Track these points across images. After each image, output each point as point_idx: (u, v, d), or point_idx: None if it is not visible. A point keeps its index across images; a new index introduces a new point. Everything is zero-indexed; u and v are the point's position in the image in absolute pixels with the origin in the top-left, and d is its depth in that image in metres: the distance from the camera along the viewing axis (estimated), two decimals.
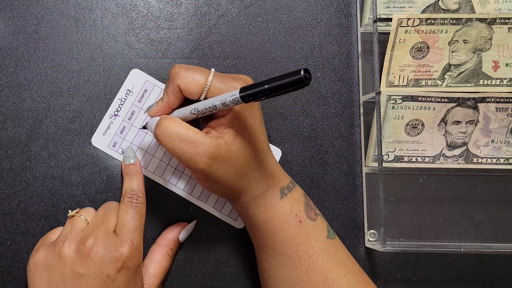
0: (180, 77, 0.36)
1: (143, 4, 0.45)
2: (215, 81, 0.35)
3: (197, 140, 0.35)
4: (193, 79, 0.35)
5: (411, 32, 0.42)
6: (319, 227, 0.38)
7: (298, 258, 0.37)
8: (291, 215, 0.37)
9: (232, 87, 0.35)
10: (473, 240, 0.44)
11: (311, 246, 0.37)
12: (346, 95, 0.46)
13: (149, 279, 0.40)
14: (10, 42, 0.44)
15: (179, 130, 0.35)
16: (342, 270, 0.37)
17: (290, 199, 0.38)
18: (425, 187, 0.45)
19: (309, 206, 0.39)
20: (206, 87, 0.35)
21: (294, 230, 0.37)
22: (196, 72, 0.36)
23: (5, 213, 0.43)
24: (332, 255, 0.37)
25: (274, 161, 0.39)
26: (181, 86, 0.36)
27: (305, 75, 0.28)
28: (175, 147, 0.35)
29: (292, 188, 0.39)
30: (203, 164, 0.35)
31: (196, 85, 0.35)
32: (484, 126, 0.44)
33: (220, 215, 0.44)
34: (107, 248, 0.36)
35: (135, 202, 0.40)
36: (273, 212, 0.38)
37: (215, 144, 0.35)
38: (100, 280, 0.35)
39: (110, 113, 0.44)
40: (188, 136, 0.35)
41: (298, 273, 0.37)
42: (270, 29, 0.46)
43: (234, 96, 0.33)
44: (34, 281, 0.36)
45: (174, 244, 0.42)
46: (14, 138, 0.44)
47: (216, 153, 0.35)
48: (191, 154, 0.35)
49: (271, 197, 0.38)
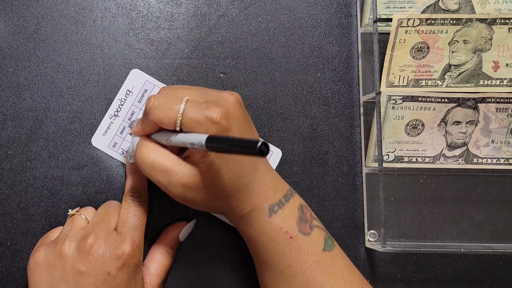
0: (152, 113, 0.35)
1: (143, 4, 0.45)
2: (188, 111, 0.34)
3: (171, 169, 0.35)
4: (165, 114, 0.35)
5: (411, 32, 0.42)
6: (314, 240, 0.37)
7: (291, 274, 0.36)
8: (280, 232, 0.37)
9: (205, 118, 0.33)
10: (473, 240, 0.44)
11: (304, 261, 0.36)
12: (346, 95, 0.46)
13: (150, 278, 0.40)
14: (10, 42, 0.44)
15: (154, 158, 0.36)
16: (339, 283, 0.36)
17: (280, 215, 0.37)
18: (425, 187, 0.45)
19: (304, 219, 0.38)
20: (178, 119, 0.34)
21: (284, 246, 0.37)
22: (168, 105, 0.35)
23: (5, 213, 0.43)
24: (328, 268, 0.37)
25: (265, 177, 0.38)
26: (154, 121, 0.36)
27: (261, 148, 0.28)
28: (151, 175, 0.36)
29: (285, 203, 0.38)
30: (177, 193, 0.36)
31: (168, 120, 0.35)
32: (484, 126, 0.44)
33: (220, 215, 0.44)
34: (108, 246, 0.36)
35: (137, 200, 0.40)
36: (261, 230, 0.37)
37: (190, 173, 0.35)
38: (100, 277, 0.35)
39: (110, 113, 0.44)
40: (162, 166, 0.35)
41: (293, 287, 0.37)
42: (270, 29, 0.46)
43: (200, 143, 0.32)
44: (35, 280, 0.36)
45: (174, 243, 0.42)
46: (14, 138, 0.44)
47: (189, 182, 0.35)
48: (165, 183, 0.36)
49: (259, 215, 0.37)
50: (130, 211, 0.39)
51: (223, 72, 0.45)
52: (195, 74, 0.45)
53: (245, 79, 0.45)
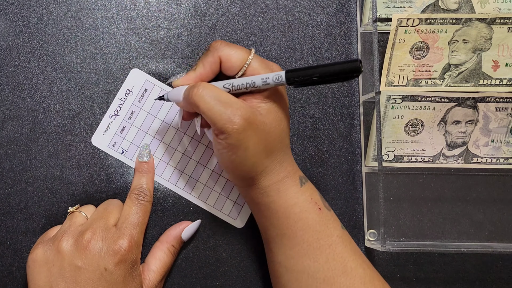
0: (222, 49, 0.36)
1: (143, 4, 0.45)
2: (256, 59, 0.36)
3: (236, 102, 0.35)
4: (236, 53, 0.36)
5: (411, 32, 0.42)
6: (335, 217, 0.38)
7: (319, 247, 0.37)
8: (311, 202, 0.37)
9: (270, 69, 0.36)
10: (473, 239, 0.44)
11: (330, 235, 0.37)
12: (346, 95, 0.46)
13: (149, 275, 0.40)
14: (10, 41, 0.45)
15: (217, 92, 0.35)
16: (358, 260, 0.37)
17: (308, 187, 0.38)
18: (425, 186, 0.45)
19: (322, 197, 0.39)
20: (247, 62, 0.36)
21: (315, 218, 0.37)
22: (238, 48, 0.36)
23: (5, 213, 0.43)
24: (348, 245, 0.37)
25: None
26: (222, 58, 0.36)
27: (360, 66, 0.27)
28: (213, 107, 0.35)
29: (307, 179, 0.39)
30: (239, 126, 0.34)
31: (237, 59, 0.36)
32: (483, 126, 0.44)
33: (220, 214, 0.44)
34: (105, 241, 0.36)
35: (141, 199, 0.40)
36: (294, 198, 0.37)
37: (252, 111, 0.35)
38: (97, 273, 0.35)
39: (110, 112, 0.44)
40: (227, 98, 0.35)
41: (319, 262, 0.36)
42: (270, 29, 0.46)
43: (278, 76, 0.33)
44: (34, 277, 0.37)
45: (176, 241, 0.42)
46: (14, 137, 0.44)
47: (253, 118, 0.35)
48: (229, 114, 0.34)
49: (292, 183, 0.37)
50: (132, 208, 0.39)
51: None
52: None
53: None
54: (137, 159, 0.43)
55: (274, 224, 0.38)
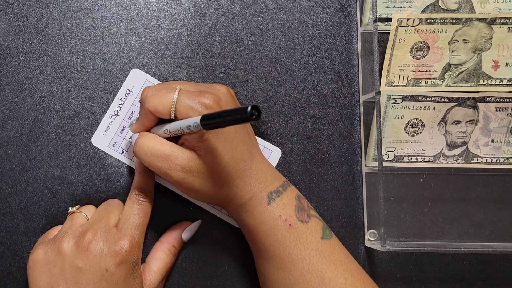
0: (148, 101, 0.37)
1: (143, 4, 0.45)
2: (182, 98, 0.36)
3: (170, 154, 0.36)
4: (160, 101, 0.36)
5: (411, 31, 0.42)
6: (312, 229, 0.38)
7: (291, 261, 0.37)
8: (280, 219, 0.37)
9: (198, 104, 0.35)
10: (473, 239, 0.44)
11: (303, 249, 0.37)
12: (346, 95, 0.46)
13: (150, 275, 0.40)
14: (11, 41, 0.45)
15: (153, 146, 0.37)
16: (338, 270, 0.37)
17: (279, 203, 0.38)
18: (425, 186, 0.45)
19: (302, 208, 0.38)
20: (172, 106, 0.36)
21: (284, 234, 0.37)
22: (163, 93, 0.36)
23: (6, 213, 0.43)
24: (327, 256, 0.37)
25: (261, 167, 0.39)
26: (150, 109, 0.37)
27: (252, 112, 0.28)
28: (151, 162, 0.37)
29: (282, 192, 0.38)
30: (177, 178, 0.36)
31: (163, 106, 0.36)
32: (484, 126, 0.44)
33: (220, 214, 0.44)
34: (106, 242, 0.36)
35: (142, 199, 0.40)
36: (261, 218, 0.37)
37: (188, 157, 0.36)
38: (98, 274, 0.36)
39: (110, 112, 0.44)
40: (161, 151, 0.37)
41: (293, 275, 0.37)
42: (270, 29, 0.46)
43: (196, 123, 0.33)
44: (34, 278, 0.37)
45: (176, 241, 0.42)
46: (14, 137, 0.44)
47: (189, 165, 0.36)
48: (165, 169, 0.36)
49: (258, 203, 0.38)
50: (133, 209, 0.39)
51: (223, 72, 0.45)
52: (195, 74, 0.45)
53: (245, 79, 0.45)
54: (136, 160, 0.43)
55: (249, 238, 0.40)
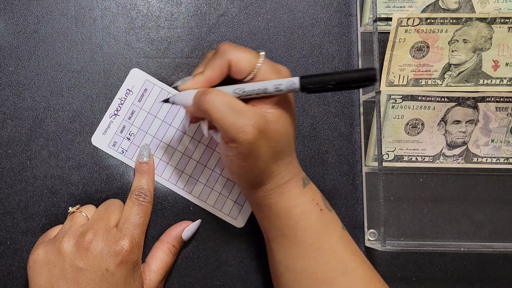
0: (231, 52, 0.35)
1: (143, 4, 0.45)
2: (265, 63, 0.35)
3: (248, 111, 0.34)
4: (245, 56, 0.35)
5: (411, 31, 0.42)
6: (336, 217, 0.38)
7: (319, 247, 0.37)
8: (313, 203, 0.37)
9: (279, 73, 0.35)
10: (473, 239, 0.44)
11: (331, 236, 0.37)
12: (346, 95, 0.46)
13: (150, 275, 0.40)
14: (10, 41, 0.45)
15: (229, 99, 0.34)
16: (358, 260, 0.37)
17: (311, 188, 0.38)
18: (425, 186, 0.45)
19: (325, 199, 0.39)
20: (257, 66, 0.35)
21: (316, 219, 0.37)
22: (248, 51, 0.35)
23: (6, 213, 0.43)
24: (348, 245, 0.37)
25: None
26: (232, 61, 0.35)
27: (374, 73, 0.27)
28: (225, 116, 0.34)
29: (310, 180, 0.39)
30: (252, 136, 0.33)
31: (247, 63, 0.34)
32: (484, 126, 0.44)
33: (220, 214, 0.44)
34: (106, 242, 0.36)
35: (142, 200, 0.40)
36: (296, 200, 0.37)
37: (264, 119, 0.34)
38: (99, 274, 0.35)
39: (110, 112, 0.44)
40: (239, 105, 0.34)
41: (319, 262, 0.36)
42: (270, 28, 0.46)
43: (292, 83, 0.32)
44: (35, 278, 0.37)
45: (176, 241, 0.42)
46: (14, 137, 0.44)
47: (265, 126, 0.34)
48: (242, 123, 0.33)
49: (295, 185, 0.37)
50: (133, 209, 0.39)
51: None
52: None
53: None
54: (137, 160, 0.43)
55: (276, 225, 0.38)
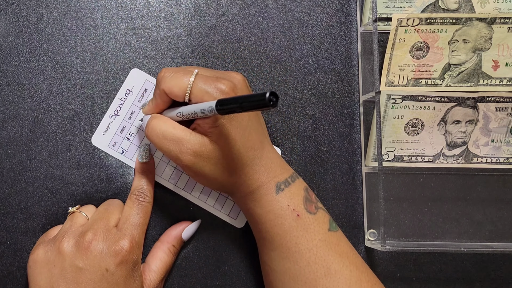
0: (164, 81, 0.37)
1: (143, 4, 0.45)
2: (198, 82, 0.36)
3: (182, 138, 0.36)
4: (176, 83, 0.36)
5: (411, 31, 0.42)
6: (320, 220, 0.38)
7: (298, 251, 0.37)
8: (288, 209, 0.37)
9: (214, 89, 0.35)
10: (473, 239, 0.44)
11: (310, 239, 0.37)
12: (346, 95, 0.46)
13: (150, 275, 0.40)
14: (10, 41, 0.45)
15: (165, 128, 0.37)
16: (344, 261, 0.37)
17: (287, 193, 0.38)
18: (425, 186, 0.45)
19: (309, 200, 0.39)
20: (188, 89, 0.36)
21: (291, 223, 0.37)
22: (180, 75, 0.36)
23: (6, 213, 0.43)
24: (333, 247, 0.37)
25: (271, 156, 0.39)
26: (165, 90, 0.37)
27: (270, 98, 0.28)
28: (162, 145, 0.37)
29: (291, 183, 0.39)
30: (187, 161, 0.36)
31: (179, 88, 0.36)
32: (484, 126, 0.44)
33: (220, 214, 0.44)
34: (106, 242, 0.36)
35: (141, 200, 0.40)
36: (268, 207, 0.38)
37: (200, 141, 0.36)
38: (99, 274, 0.36)
39: (110, 112, 0.44)
40: (173, 134, 0.36)
41: (299, 265, 0.37)
42: (270, 28, 0.46)
43: (211, 107, 0.33)
44: (34, 277, 0.37)
45: (176, 241, 0.42)
46: (14, 137, 0.44)
47: (200, 150, 0.36)
48: (176, 152, 0.36)
49: (266, 192, 0.38)
50: (133, 209, 0.39)
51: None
52: None
53: None
54: (137, 160, 0.43)
55: (255, 228, 0.40)
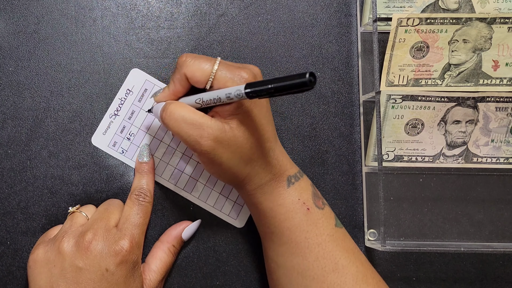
0: (186, 66, 0.36)
1: (143, 4, 0.45)
2: (221, 69, 0.35)
3: (203, 123, 0.35)
4: (199, 68, 0.36)
5: (411, 31, 0.42)
6: (327, 215, 0.38)
7: (307, 246, 0.37)
8: (298, 203, 0.37)
9: (238, 76, 0.35)
10: (473, 239, 0.44)
11: (320, 234, 0.37)
12: (346, 95, 0.46)
13: (150, 275, 0.40)
14: (11, 41, 0.45)
15: (185, 113, 0.36)
16: (351, 257, 0.37)
17: (297, 187, 0.38)
18: (425, 186, 0.45)
19: (317, 195, 0.39)
20: (211, 75, 0.35)
21: (302, 217, 0.37)
22: (203, 61, 0.36)
23: (6, 213, 0.43)
24: (341, 243, 0.37)
25: (282, 151, 0.39)
26: (187, 75, 0.36)
27: (310, 79, 0.28)
28: (181, 130, 0.36)
29: (300, 178, 0.39)
30: (207, 147, 0.35)
31: (202, 74, 0.35)
32: (484, 126, 0.44)
33: (220, 214, 0.44)
34: (106, 242, 0.36)
35: (141, 200, 0.40)
36: (279, 200, 0.37)
37: (221, 127, 0.35)
38: (99, 273, 0.36)
39: (110, 112, 0.44)
40: (194, 119, 0.35)
41: (308, 260, 0.37)
42: (270, 28, 0.46)
43: (239, 91, 0.33)
44: (34, 277, 0.37)
45: (176, 241, 0.42)
46: (14, 137, 0.44)
47: (221, 136, 0.35)
48: (196, 136, 0.35)
49: (278, 185, 0.38)
50: (133, 209, 0.39)
51: None
52: None
53: None
54: (137, 160, 0.43)
55: (264, 223, 0.39)
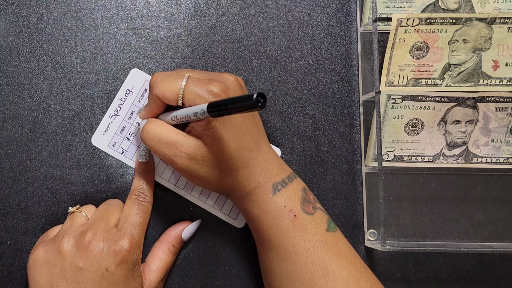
0: (156, 86, 0.37)
1: (143, 4, 0.46)
2: (190, 85, 0.36)
3: (177, 141, 0.37)
4: (168, 88, 0.36)
5: (411, 31, 0.42)
6: (317, 220, 0.38)
7: (295, 252, 0.37)
8: (284, 210, 0.37)
9: (206, 92, 0.35)
10: (472, 239, 0.44)
11: (308, 240, 0.37)
12: (346, 95, 0.46)
13: (150, 275, 0.40)
14: (11, 41, 0.45)
15: (160, 132, 0.37)
16: (342, 262, 0.37)
17: (284, 194, 0.38)
18: (425, 186, 0.45)
19: (307, 200, 0.39)
20: (180, 93, 0.36)
21: (288, 224, 0.37)
22: (172, 79, 0.37)
23: (5, 213, 0.43)
24: (331, 248, 0.37)
25: (268, 157, 0.39)
26: (158, 95, 0.37)
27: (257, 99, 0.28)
28: (157, 148, 0.37)
29: (288, 183, 0.38)
30: (182, 165, 0.37)
31: (171, 93, 0.36)
32: (483, 126, 0.44)
33: (220, 214, 0.44)
34: (106, 242, 0.37)
35: (141, 200, 0.40)
36: (265, 207, 0.38)
37: (194, 144, 0.36)
38: (99, 273, 0.36)
39: (110, 112, 0.44)
40: (168, 137, 0.37)
41: (296, 266, 0.37)
42: (270, 28, 0.46)
43: (202, 110, 0.33)
44: (34, 277, 0.37)
45: (176, 241, 0.42)
46: (14, 137, 0.44)
47: (194, 153, 0.36)
48: (171, 156, 0.37)
49: (263, 193, 0.38)
50: (133, 209, 0.40)
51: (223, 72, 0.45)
52: None
53: (244, 79, 0.45)
54: (137, 160, 0.43)
55: (253, 228, 0.40)
